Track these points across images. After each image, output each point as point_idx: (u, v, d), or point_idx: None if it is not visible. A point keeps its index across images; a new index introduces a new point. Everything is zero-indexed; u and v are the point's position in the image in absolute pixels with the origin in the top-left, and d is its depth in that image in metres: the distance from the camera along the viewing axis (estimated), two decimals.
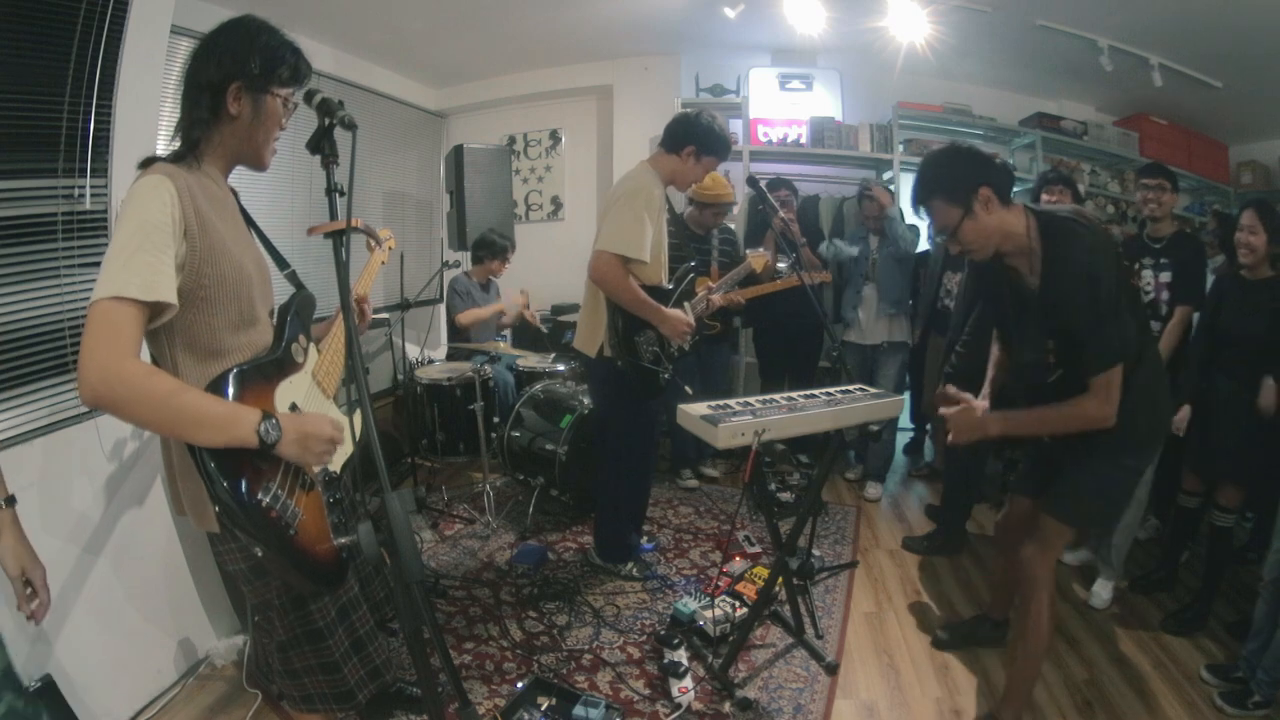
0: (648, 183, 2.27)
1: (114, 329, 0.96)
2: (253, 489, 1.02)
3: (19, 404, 1.68)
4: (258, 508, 1.02)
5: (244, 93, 1.13)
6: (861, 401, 1.95)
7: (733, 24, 3.64)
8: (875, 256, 3.33)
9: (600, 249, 2.22)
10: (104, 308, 0.96)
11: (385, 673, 1.36)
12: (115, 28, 1.79)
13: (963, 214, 1.54)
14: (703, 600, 2.29)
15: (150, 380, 0.98)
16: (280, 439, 1.04)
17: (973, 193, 1.52)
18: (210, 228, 1.09)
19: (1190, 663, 2.11)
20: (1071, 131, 4.14)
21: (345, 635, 1.30)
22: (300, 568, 1.08)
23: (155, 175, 1.06)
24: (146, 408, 0.97)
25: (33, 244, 1.71)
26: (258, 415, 1.02)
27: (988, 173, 1.54)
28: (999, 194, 1.53)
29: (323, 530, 1.15)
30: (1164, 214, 2.44)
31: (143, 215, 1.01)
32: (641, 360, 2.31)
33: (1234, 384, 2.21)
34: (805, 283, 2.39)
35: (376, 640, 1.36)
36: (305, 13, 3.19)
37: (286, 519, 1.06)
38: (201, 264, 1.07)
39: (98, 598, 1.79)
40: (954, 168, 1.58)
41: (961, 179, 1.54)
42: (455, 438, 3.32)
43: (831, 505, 3.35)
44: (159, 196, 1.02)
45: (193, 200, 1.06)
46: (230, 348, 1.14)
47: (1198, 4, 2.96)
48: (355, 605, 1.33)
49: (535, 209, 4.94)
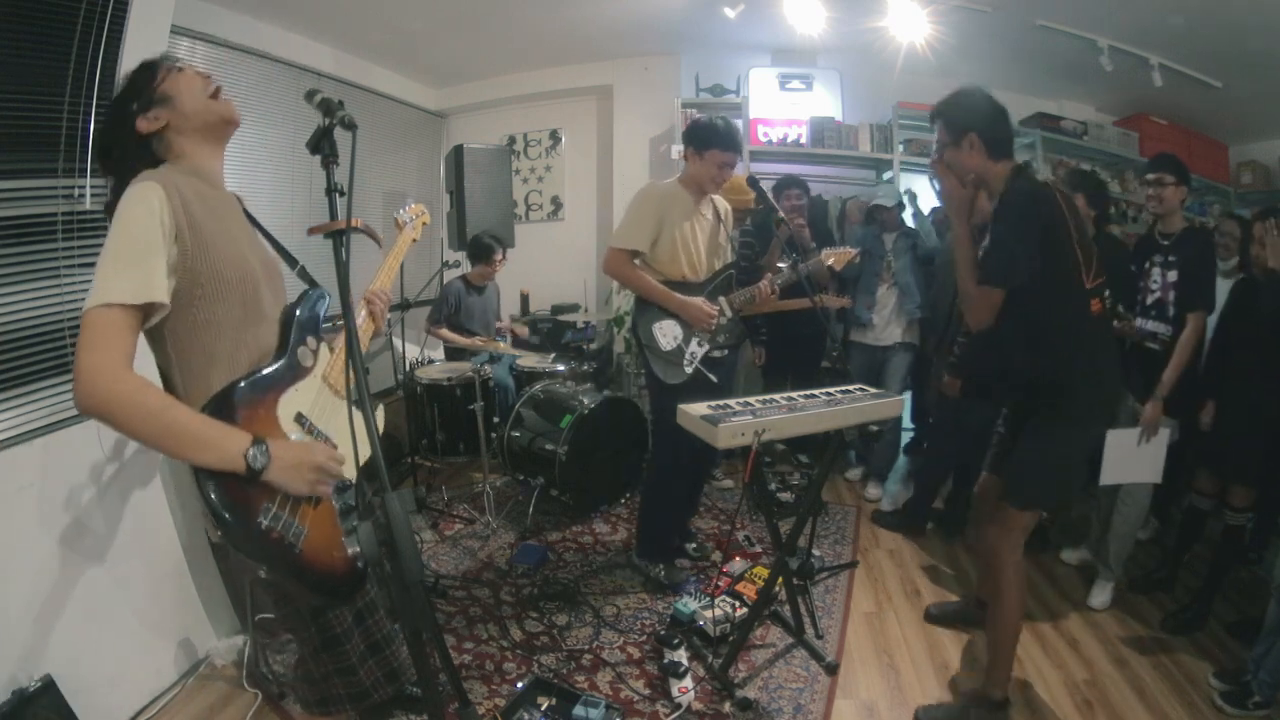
0: (665, 186, 2.44)
1: (105, 337, 0.97)
2: (251, 513, 1.02)
3: (19, 404, 1.68)
4: (257, 530, 1.02)
5: (145, 113, 1.14)
6: (862, 401, 1.95)
7: (733, 24, 3.64)
8: (890, 257, 3.31)
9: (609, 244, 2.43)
10: (95, 316, 0.97)
11: (402, 675, 1.37)
12: (115, 28, 1.79)
13: (950, 142, 1.77)
14: (703, 600, 2.29)
15: (141, 394, 0.98)
16: (268, 465, 1.03)
17: (962, 132, 1.74)
18: (202, 226, 1.09)
19: (1190, 662, 2.11)
20: (1071, 131, 4.14)
21: (361, 639, 1.31)
22: (308, 583, 1.08)
23: (143, 182, 1.06)
24: (136, 421, 0.98)
25: (33, 244, 1.72)
26: (247, 440, 1.02)
27: (980, 123, 1.74)
28: (985, 145, 1.73)
29: (334, 540, 1.14)
30: (1169, 209, 2.34)
31: (130, 222, 1.02)
32: (657, 346, 2.37)
33: (1246, 385, 2.21)
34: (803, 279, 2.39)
35: (394, 644, 1.36)
36: (305, 13, 3.19)
37: (289, 539, 1.05)
38: (195, 264, 1.07)
39: (98, 598, 1.79)
40: (963, 106, 1.79)
41: (961, 117, 1.76)
42: (455, 438, 3.32)
43: (831, 505, 3.35)
44: (146, 202, 1.03)
45: (182, 200, 1.07)
46: (236, 346, 1.13)
47: (1198, 4, 2.96)
48: (371, 610, 1.33)
49: (535, 209, 4.94)
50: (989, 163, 1.73)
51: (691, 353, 2.38)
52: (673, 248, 2.36)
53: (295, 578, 1.06)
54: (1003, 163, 1.73)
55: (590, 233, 4.83)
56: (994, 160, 1.73)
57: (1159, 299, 2.34)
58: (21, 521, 1.64)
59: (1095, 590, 2.46)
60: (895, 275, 3.29)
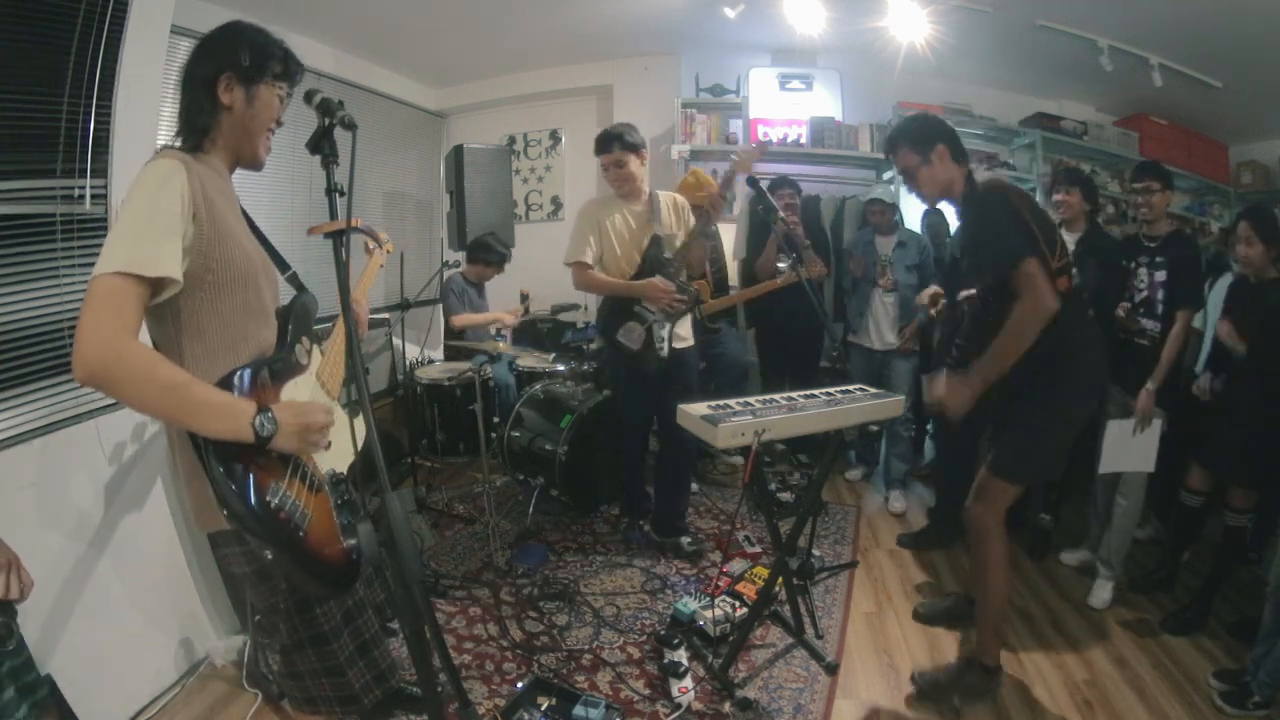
0: (597, 199, 2.81)
1: (115, 305, 0.95)
2: (261, 490, 1.02)
3: (19, 404, 1.68)
4: (266, 509, 1.01)
5: (235, 84, 1.15)
6: (861, 401, 1.95)
7: (733, 24, 3.63)
8: (886, 261, 3.31)
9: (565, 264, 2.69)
10: (106, 283, 0.95)
11: (390, 677, 1.36)
12: (115, 28, 1.79)
13: (920, 161, 1.89)
14: (703, 600, 2.29)
15: (148, 360, 0.97)
16: (277, 431, 1.03)
17: (931, 146, 1.87)
18: (219, 214, 1.09)
19: (1190, 662, 2.11)
20: (1071, 131, 4.14)
21: (350, 639, 1.29)
22: (310, 570, 1.07)
23: (166, 159, 1.06)
24: (142, 387, 0.95)
25: (32, 244, 1.72)
26: (254, 408, 1.02)
27: (944, 134, 1.90)
28: (952, 151, 1.88)
29: (332, 532, 1.14)
30: (1157, 215, 2.44)
31: (151, 195, 1.01)
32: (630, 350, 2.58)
33: (1245, 387, 2.22)
34: (803, 278, 2.39)
35: (381, 645, 1.36)
36: (305, 13, 3.19)
37: (296, 520, 1.05)
38: (209, 247, 1.07)
39: (98, 598, 1.79)
40: (921, 124, 1.96)
41: (925, 134, 1.90)
42: (455, 438, 3.32)
43: (831, 505, 3.35)
44: (169, 179, 1.03)
45: (202, 186, 1.07)
46: (238, 338, 1.13)
47: (1198, 4, 2.95)
48: (360, 609, 1.33)
49: (535, 209, 4.94)
50: (956, 168, 1.89)
51: (660, 338, 2.57)
52: (611, 251, 2.62)
53: (299, 563, 1.05)
54: (962, 165, 1.90)
55: None
56: (959, 165, 1.89)
57: (1147, 297, 2.43)
58: (21, 522, 1.64)
59: (1095, 590, 2.46)
60: (895, 281, 3.28)
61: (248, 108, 1.17)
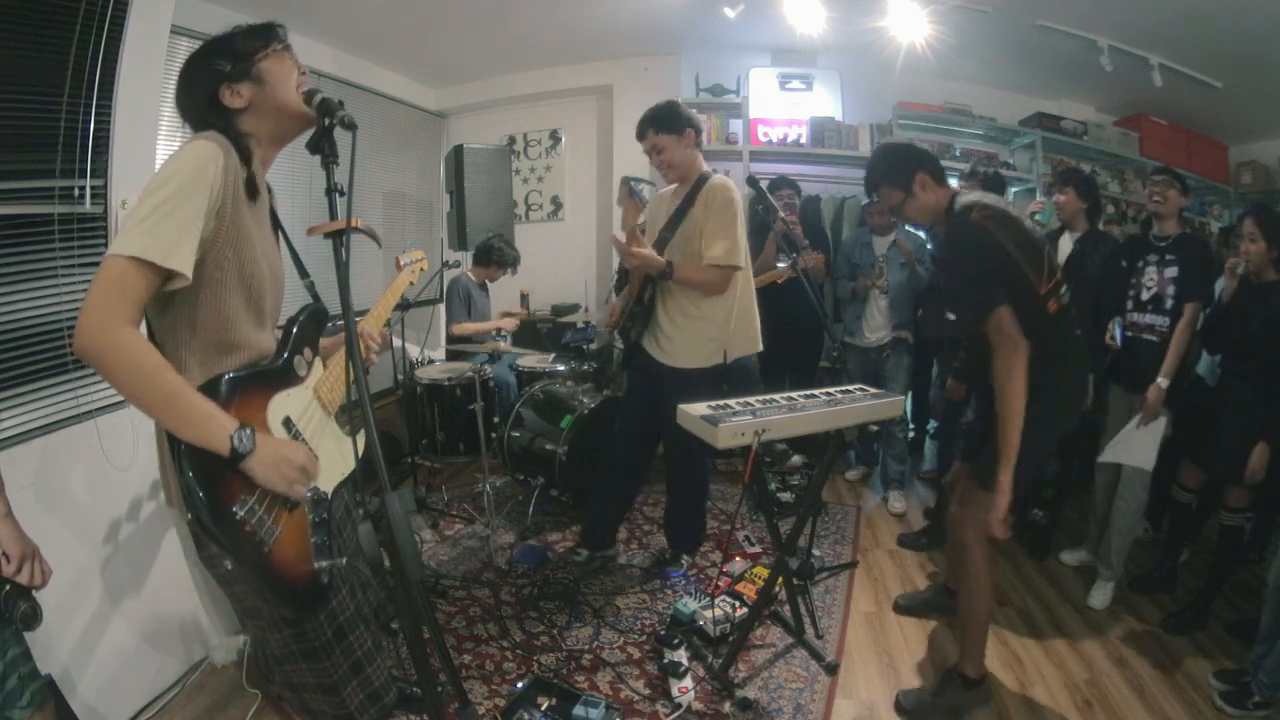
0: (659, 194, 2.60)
1: (120, 288, 0.95)
2: (228, 501, 1.00)
3: (19, 404, 1.68)
4: (230, 520, 1.00)
5: (236, 84, 1.13)
6: (862, 401, 1.95)
7: (733, 24, 3.63)
8: (882, 263, 3.31)
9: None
10: (120, 265, 0.95)
11: (384, 696, 1.34)
12: (115, 28, 1.79)
13: (905, 195, 1.84)
14: (703, 600, 2.29)
15: (141, 351, 0.97)
16: (252, 452, 1.01)
17: (911, 177, 1.81)
18: (242, 215, 1.09)
19: (1190, 662, 2.11)
20: (1071, 131, 4.14)
21: (343, 657, 1.27)
22: (271, 586, 1.06)
23: (210, 144, 1.04)
24: (130, 376, 0.96)
25: (31, 244, 1.71)
26: (235, 423, 1.00)
27: (921, 161, 1.83)
28: (934, 176, 1.82)
29: (303, 551, 1.12)
30: (1169, 211, 2.45)
31: (182, 181, 0.99)
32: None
33: (1243, 387, 2.22)
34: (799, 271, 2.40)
35: (375, 661, 1.33)
36: (305, 13, 3.19)
37: (261, 535, 1.03)
38: (224, 245, 1.06)
39: (98, 598, 1.79)
40: (896, 157, 1.89)
41: (901, 167, 1.84)
42: (455, 438, 3.32)
43: (831, 505, 3.35)
44: (205, 167, 1.01)
45: (234, 184, 1.06)
46: (236, 342, 1.12)
47: (1198, 4, 2.95)
48: (353, 625, 1.29)
49: (535, 209, 4.94)
50: (941, 191, 1.84)
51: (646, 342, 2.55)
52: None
53: (259, 577, 1.04)
54: (944, 188, 1.86)
55: (590, 233, 4.82)
56: (941, 187, 1.85)
57: (1155, 294, 2.43)
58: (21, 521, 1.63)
59: (1095, 590, 2.47)
60: (888, 284, 3.28)
61: (262, 87, 1.15)
